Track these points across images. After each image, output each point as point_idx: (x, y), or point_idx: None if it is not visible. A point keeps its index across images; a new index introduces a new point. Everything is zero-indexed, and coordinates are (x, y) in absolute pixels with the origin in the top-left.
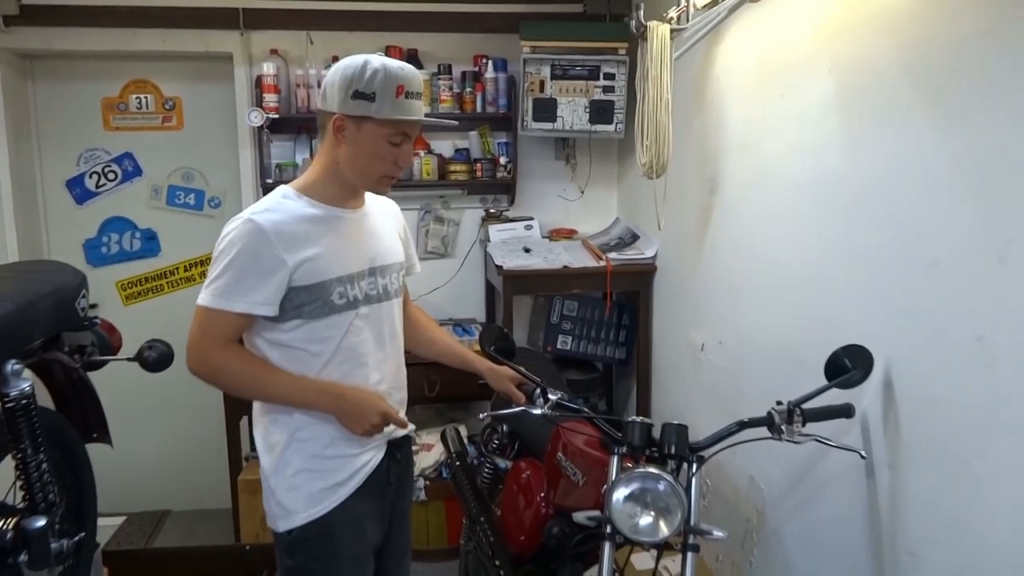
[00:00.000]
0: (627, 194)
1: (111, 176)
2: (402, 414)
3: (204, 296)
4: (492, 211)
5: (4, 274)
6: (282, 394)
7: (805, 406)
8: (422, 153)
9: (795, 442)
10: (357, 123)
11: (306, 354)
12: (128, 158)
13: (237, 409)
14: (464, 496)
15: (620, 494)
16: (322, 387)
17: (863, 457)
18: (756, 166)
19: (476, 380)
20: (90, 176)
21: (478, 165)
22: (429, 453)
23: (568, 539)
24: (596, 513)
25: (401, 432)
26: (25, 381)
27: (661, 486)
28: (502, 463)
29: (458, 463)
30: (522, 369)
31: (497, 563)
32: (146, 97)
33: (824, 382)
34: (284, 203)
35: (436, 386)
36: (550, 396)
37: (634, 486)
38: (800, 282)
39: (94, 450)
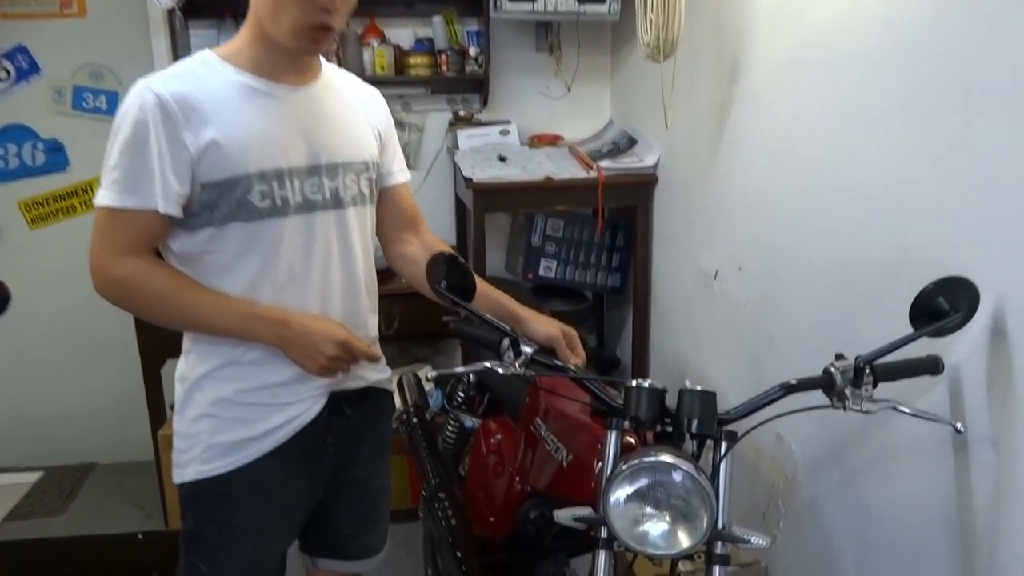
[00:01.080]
0: (623, 91)
1: (1, 75)
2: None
3: (100, 194)
4: (461, 114)
5: None
6: (208, 319)
7: (878, 362)
8: (375, 43)
9: (863, 412)
10: None
11: (224, 272)
12: (21, 53)
13: (157, 350)
14: (420, 461)
15: (622, 492)
16: (261, 312)
17: (959, 432)
18: (795, 42)
19: (442, 314)
20: None
21: (443, 57)
22: None
23: (549, 526)
24: (587, 513)
25: (356, 382)
26: None
27: (678, 478)
28: (468, 421)
29: (415, 419)
30: (486, 315)
31: (459, 554)
32: None
33: (905, 328)
34: (198, 70)
35: (395, 321)
36: (523, 349)
37: (641, 482)
38: (857, 189)
39: (3, 397)
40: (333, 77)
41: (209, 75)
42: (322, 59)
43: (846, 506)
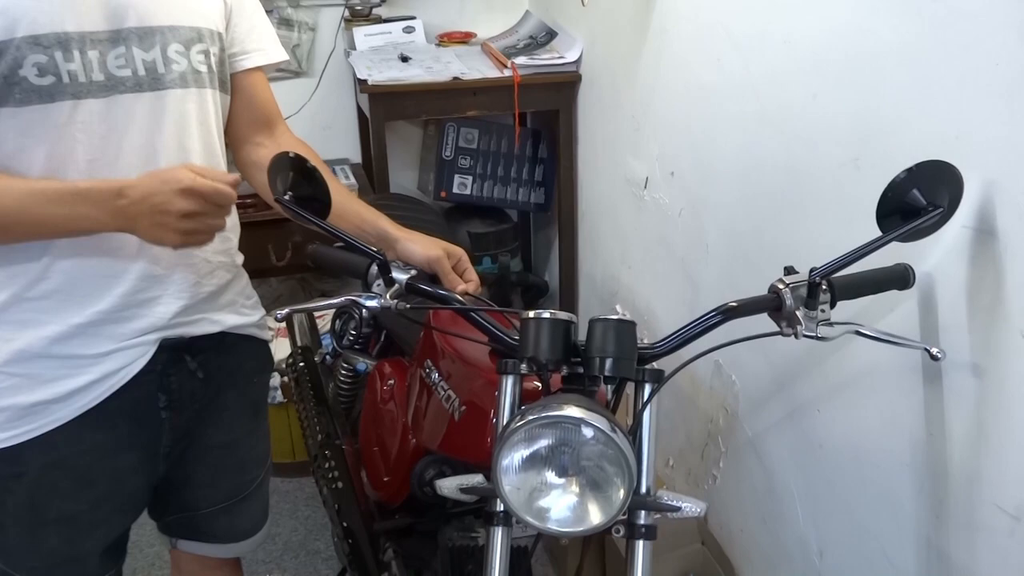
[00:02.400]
0: None
1: None
2: (214, 286)
3: None
4: (358, 8)
5: None
6: (17, 211)
7: (837, 275)
8: None
9: (819, 338)
10: None
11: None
12: None
13: None
14: (305, 413)
15: (515, 455)
16: (84, 187)
17: (936, 358)
18: None
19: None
20: None
21: None
22: (286, 340)
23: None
24: (476, 481)
25: (203, 326)
26: None
27: (589, 434)
28: (361, 364)
29: (301, 363)
30: (345, 234)
31: (345, 524)
32: None
33: (868, 231)
34: None
35: (288, 251)
36: (396, 276)
37: (541, 443)
38: (812, 63)
39: None
40: None
41: None
42: None
43: (794, 444)
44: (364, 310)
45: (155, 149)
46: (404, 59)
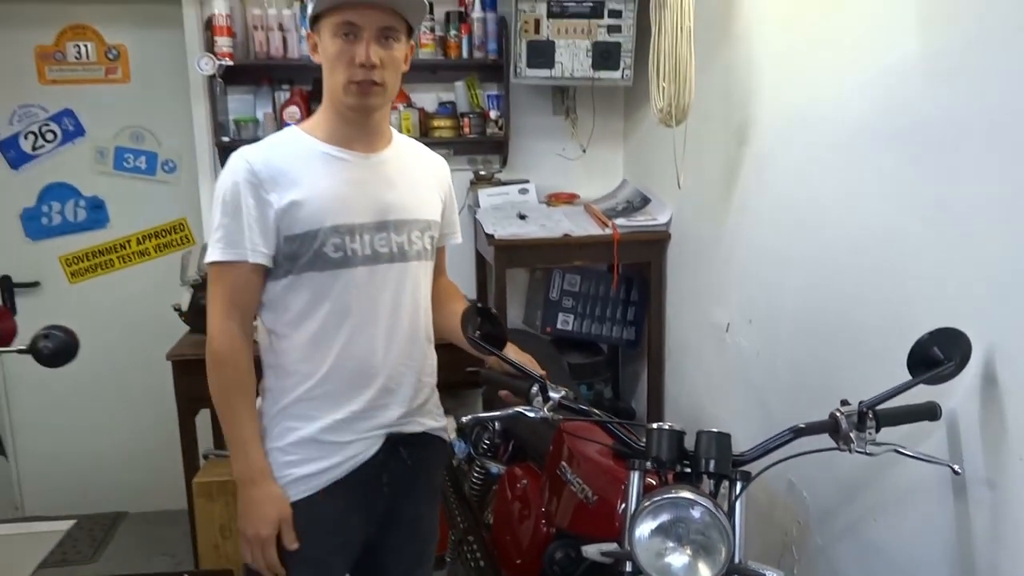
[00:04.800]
0: (635, 152)
1: (49, 136)
2: (423, 399)
3: (208, 252)
4: (482, 173)
5: None
6: (228, 423)
7: (881, 407)
8: (401, 107)
9: (867, 454)
10: (318, 33)
11: (299, 318)
12: (68, 116)
13: (192, 399)
14: (448, 506)
15: (646, 527)
16: (253, 460)
17: (956, 473)
18: (798, 106)
19: (467, 364)
20: (25, 136)
21: (465, 120)
22: None
23: (574, 567)
24: (613, 547)
25: (413, 427)
26: None
27: (697, 514)
28: (494, 467)
29: None
30: (516, 361)
31: None
32: (86, 45)
33: (902, 375)
34: (283, 138)
35: None
36: (551, 395)
37: (663, 517)
38: (858, 245)
39: (40, 445)
40: (403, 146)
41: (291, 142)
42: (394, 131)
43: (857, 549)
44: (497, 424)
45: (399, 304)
46: (522, 216)
